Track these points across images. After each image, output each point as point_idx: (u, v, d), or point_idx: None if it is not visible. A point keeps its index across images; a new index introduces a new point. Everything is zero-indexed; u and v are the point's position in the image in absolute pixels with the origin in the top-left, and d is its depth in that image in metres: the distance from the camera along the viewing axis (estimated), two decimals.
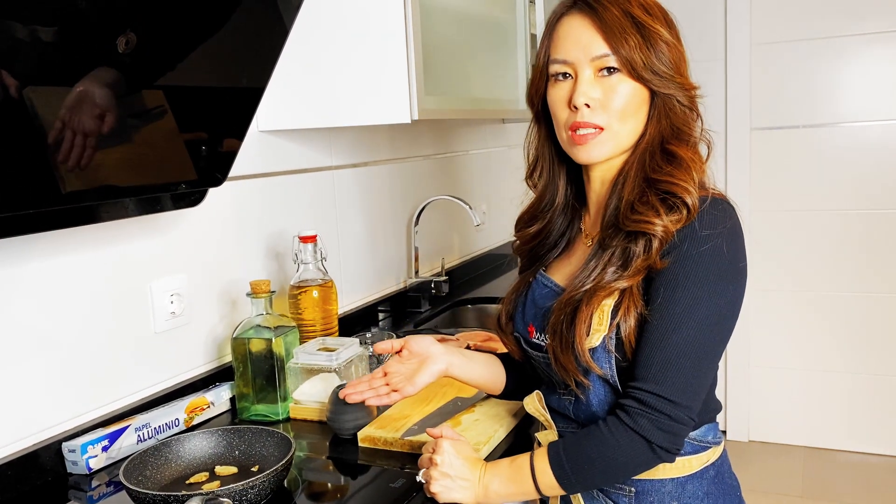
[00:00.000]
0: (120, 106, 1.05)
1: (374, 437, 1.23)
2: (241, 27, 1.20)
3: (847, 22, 3.02)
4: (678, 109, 1.02)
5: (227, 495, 0.97)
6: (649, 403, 0.95)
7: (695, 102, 1.04)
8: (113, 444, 1.21)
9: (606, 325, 0.99)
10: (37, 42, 0.89)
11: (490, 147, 2.82)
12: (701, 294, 0.95)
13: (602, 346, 1.00)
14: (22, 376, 1.16)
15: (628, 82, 1.00)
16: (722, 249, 0.95)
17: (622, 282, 0.98)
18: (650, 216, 0.96)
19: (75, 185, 1.04)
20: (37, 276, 1.18)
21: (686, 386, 0.95)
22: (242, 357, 1.37)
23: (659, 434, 0.95)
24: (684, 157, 1.00)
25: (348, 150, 1.94)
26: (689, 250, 0.95)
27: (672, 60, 1.00)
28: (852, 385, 3.22)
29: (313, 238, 1.58)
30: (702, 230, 0.95)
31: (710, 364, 0.99)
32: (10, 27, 0.84)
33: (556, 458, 0.99)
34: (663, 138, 1.02)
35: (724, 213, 0.98)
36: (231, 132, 1.30)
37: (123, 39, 0.96)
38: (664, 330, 0.95)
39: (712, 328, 0.96)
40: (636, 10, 0.99)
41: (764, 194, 3.24)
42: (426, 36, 1.54)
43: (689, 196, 0.96)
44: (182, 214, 1.44)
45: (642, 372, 0.96)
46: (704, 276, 0.95)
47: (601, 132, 1.01)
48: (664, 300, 0.96)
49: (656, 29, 0.99)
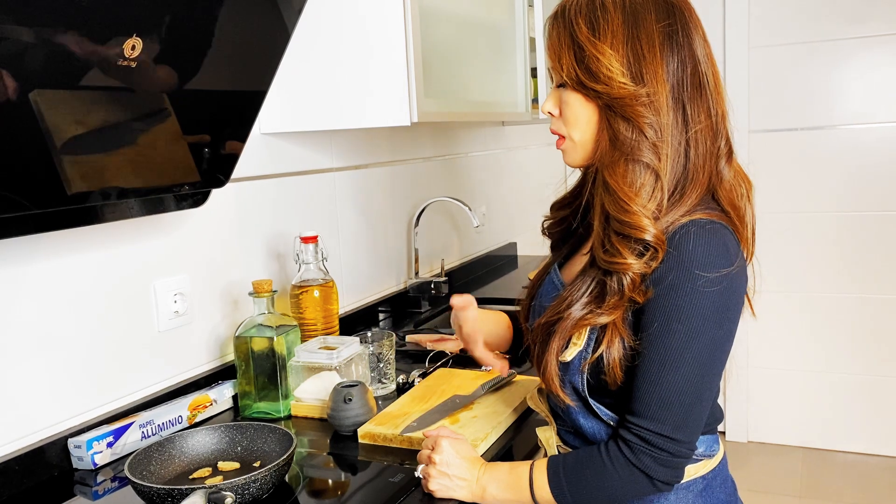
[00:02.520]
0: (124, 108, 1.07)
1: (374, 434, 1.25)
2: (244, 31, 1.22)
3: (844, 25, 3.04)
4: (622, 127, 0.95)
5: (229, 489, 0.99)
6: (651, 441, 0.94)
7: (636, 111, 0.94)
8: (118, 441, 1.23)
9: (583, 340, 0.98)
10: (45, 46, 0.90)
11: (490, 149, 2.84)
12: (698, 326, 0.91)
13: (577, 363, 0.99)
14: (29, 374, 1.18)
15: (571, 93, 0.99)
16: (719, 279, 0.91)
17: (603, 317, 0.96)
18: (619, 258, 0.93)
19: (80, 186, 1.06)
20: (43, 275, 1.20)
21: (687, 421, 0.94)
22: (245, 355, 1.39)
23: (661, 470, 0.95)
24: (615, 189, 0.95)
25: (349, 152, 1.97)
26: (682, 279, 0.91)
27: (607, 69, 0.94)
28: (850, 386, 3.24)
29: (314, 238, 1.60)
30: (694, 258, 0.91)
31: (709, 395, 0.97)
32: (19, 31, 0.86)
33: (556, 478, 0.99)
34: (602, 160, 0.98)
35: (718, 238, 0.93)
36: (234, 134, 1.32)
37: (130, 44, 0.98)
38: (661, 365, 0.93)
39: (710, 361, 0.94)
40: (581, 20, 0.96)
41: (762, 196, 3.25)
42: (425, 40, 1.56)
43: (646, 233, 0.92)
44: (185, 215, 1.46)
45: (641, 409, 0.95)
46: (701, 307, 0.91)
47: (564, 140, 1.03)
48: (660, 331, 0.92)
49: (593, 41, 0.94)
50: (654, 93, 0.94)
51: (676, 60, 0.95)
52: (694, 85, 0.96)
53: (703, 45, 0.98)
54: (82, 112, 1.01)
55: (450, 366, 1.63)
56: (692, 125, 0.96)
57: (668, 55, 0.95)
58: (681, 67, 0.95)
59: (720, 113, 0.99)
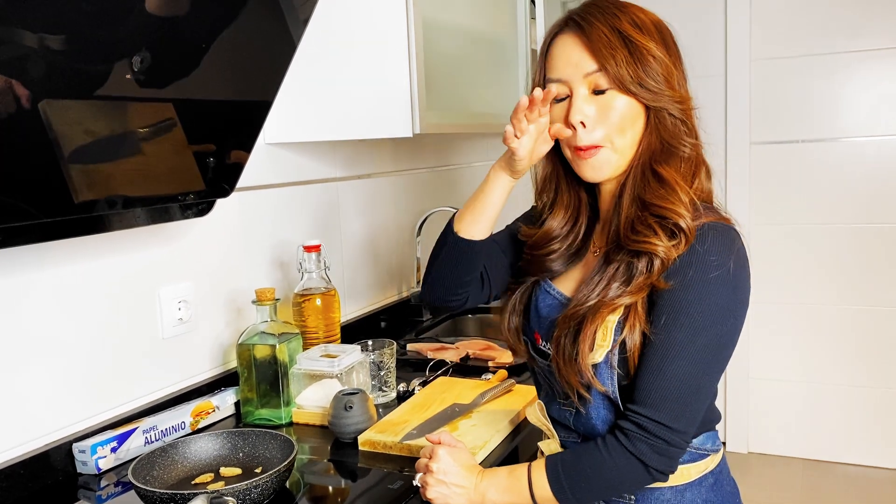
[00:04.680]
0: (131, 118, 1.09)
1: (374, 441, 1.27)
2: (250, 44, 1.24)
3: (845, 39, 3.06)
4: (669, 123, 1.02)
5: (231, 494, 1.00)
6: (648, 428, 0.97)
7: (689, 115, 1.03)
8: (121, 446, 1.25)
9: (610, 341, 1.00)
10: (55, 57, 0.92)
11: (492, 159, 2.84)
12: (704, 322, 0.95)
13: (605, 361, 1.01)
14: (35, 379, 1.20)
15: (621, 97, 1.00)
16: (728, 279, 0.96)
17: (626, 298, 0.98)
18: (650, 237, 0.97)
19: (87, 195, 1.08)
20: (50, 282, 1.22)
21: (684, 412, 0.97)
22: (247, 363, 1.41)
23: (655, 458, 0.97)
24: (669, 179, 1.00)
25: (352, 162, 1.99)
26: (694, 276, 0.95)
27: (662, 74, 1.00)
28: (851, 398, 3.24)
29: (317, 248, 1.62)
30: (708, 257, 0.95)
31: (708, 390, 1.00)
32: (30, 42, 0.89)
33: (554, 473, 1.01)
34: (653, 155, 1.03)
35: (731, 241, 0.98)
36: (239, 145, 1.34)
37: (139, 58, 1.00)
38: (665, 356, 0.96)
39: (712, 356, 0.97)
40: (625, 25, 1.00)
41: (763, 207, 3.27)
42: (428, 52, 1.58)
43: (682, 220, 0.97)
44: (190, 224, 1.48)
45: (642, 396, 0.98)
46: (708, 304, 0.95)
47: (601, 150, 1.02)
48: (667, 324, 0.96)
49: (644, 44, 0.99)
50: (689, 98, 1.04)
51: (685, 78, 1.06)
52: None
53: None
54: (90, 121, 1.02)
55: (450, 374, 1.65)
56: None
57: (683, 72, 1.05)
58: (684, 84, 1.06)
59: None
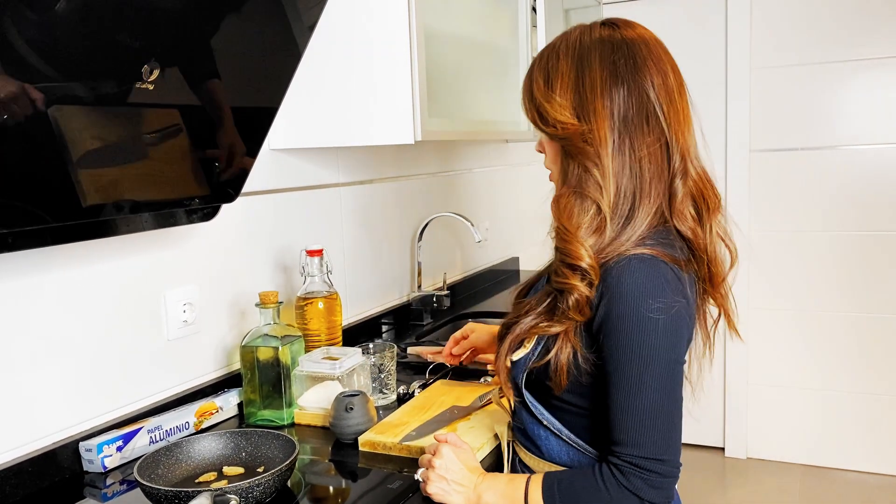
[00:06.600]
0: (140, 124, 1.12)
1: (374, 442, 1.29)
2: (257, 52, 1.27)
3: (844, 48, 3.09)
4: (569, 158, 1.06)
5: (233, 493, 1.02)
6: (640, 465, 0.99)
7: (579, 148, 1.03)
8: (127, 445, 1.27)
9: (531, 346, 1.08)
10: (67, 65, 0.95)
11: (493, 165, 2.88)
12: (650, 353, 0.98)
13: (522, 363, 1.09)
14: (43, 379, 1.22)
15: (542, 134, 1.11)
16: (659, 306, 0.97)
17: (554, 328, 1.04)
18: (566, 279, 1.02)
19: (95, 200, 1.10)
20: (58, 285, 1.25)
21: (668, 441, 1.00)
22: (250, 364, 1.43)
23: (652, 492, 1.00)
24: (558, 220, 1.05)
25: (355, 168, 2.01)
26: (625, 313, 0.97)
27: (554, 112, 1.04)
28: (850, 404, 3.26)
29: (320, 252, 1.64)
30: (632, 289, 0.97)
31: (678, 411, 1.03)
32: (42, 51, 0.91)
33: (549, 491, 1.04)
34: (556, 193, 1.09)
35: (654, 268, 0.99)
36: (245, 151, 1.37)
37: (148, 69, 1.03)
38: (627, 393, 0.99)
39: (669, 378, 0.99)
40: (538, 73, 1.08)
41: (763, 214, 3.30)
42: (430, 60, 1.61)
43: (581, 261, 1.00)
44: (196, 228, 1.50)
45: (622, 437, 1.00)
46: (648, 335, 0.97)
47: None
48: (616, 363, 0.99)
49: (544, 91, 1.06)
50: (597, 128, 1.01)
51: (622, 93, 1.01)
52: (640, 114, 1.02)
53: (658, 75, 1.03)
54: (98, 127, 1.05)
55: (449, 378, 1.67)
56: (638, 151, 1.02)
57: (611, 90, 1.01)
58: (626, 99, 1.02)
59: (675, 136, 1.03)
